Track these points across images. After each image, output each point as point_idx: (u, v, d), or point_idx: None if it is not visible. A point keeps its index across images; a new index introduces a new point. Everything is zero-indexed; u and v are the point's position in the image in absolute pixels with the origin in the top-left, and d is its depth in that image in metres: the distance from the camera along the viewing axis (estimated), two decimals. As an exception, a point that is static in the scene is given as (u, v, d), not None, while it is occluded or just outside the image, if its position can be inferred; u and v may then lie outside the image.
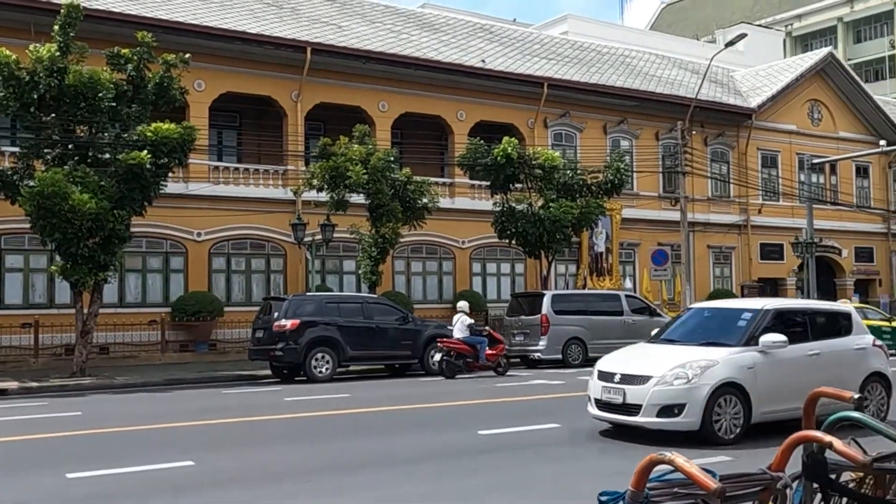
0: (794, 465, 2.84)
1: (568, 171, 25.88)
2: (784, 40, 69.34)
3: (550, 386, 16.66)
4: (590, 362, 21.81)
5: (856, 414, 2.75)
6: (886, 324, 25.67)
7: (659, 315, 24.26)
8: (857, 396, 2.86)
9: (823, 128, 39.03)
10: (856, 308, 15.47)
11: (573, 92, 31.41)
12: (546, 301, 22.23)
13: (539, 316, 21.88)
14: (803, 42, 73.07)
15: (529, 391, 15.68)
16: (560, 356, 21.73)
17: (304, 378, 18.40)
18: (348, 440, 10.51)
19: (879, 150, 35.89)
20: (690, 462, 2.21)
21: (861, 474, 3.02)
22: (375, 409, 13.32)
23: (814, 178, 36.85)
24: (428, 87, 28.60)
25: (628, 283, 31.58)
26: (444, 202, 27.17)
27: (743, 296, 34.05)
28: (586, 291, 27.44)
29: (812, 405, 2.91)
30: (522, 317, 22.58)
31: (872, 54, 71.22)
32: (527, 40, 36.04)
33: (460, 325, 19.53)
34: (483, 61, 30.07)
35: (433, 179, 26.73)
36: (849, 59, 61.99)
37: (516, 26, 41.55)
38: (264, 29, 26.41)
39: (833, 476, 2.84)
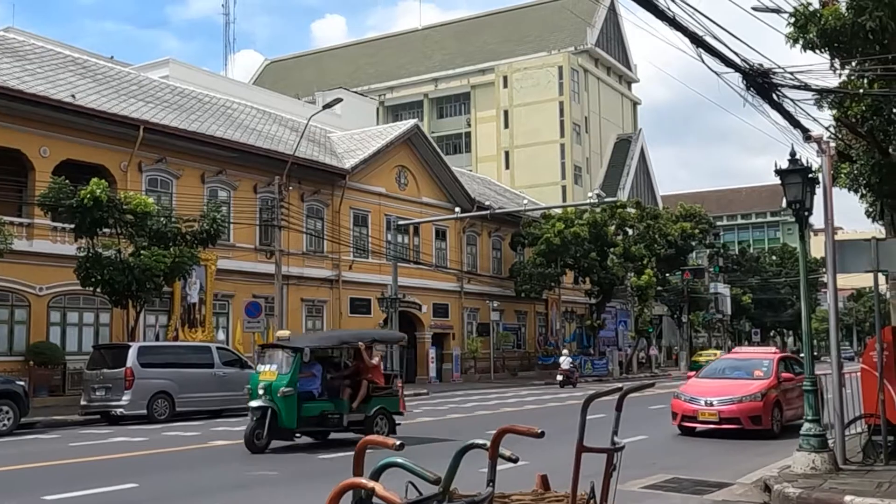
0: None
1: (162, 219, 25.00)
2: (378, 108, 74.57)
3: (132, 443, 15.76)
4: (177, 417, 21.16)
5: (398, 459, 2.98)
6: None
7: (250, 367, 24.22)
8: (398, 443, 3.09)
9: (409, 192, 42.30)
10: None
11: (171, 138, 30.61)
12: (132, 353, 21.15)
13: (124, 369, 20.71)
14: (394, 112, 79.09)
15: (107, 450, 14.67)
16: (146, 411, 20.71)
17: None
18: None
19: (455, 216, 39.87)
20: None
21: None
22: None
23: (399, 239, 39.71)
24: (6, 118, 26.02)
25: (221, 335, 31.20)
26: (20, 244, 24.79)
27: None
28: (177, 343, 26.57)
29: (361, 453, 3.10)
30: (105, 370, 21.19)
31: (452, 129, 79.27)
32: (124, 80, 34.49)
33: (567, 360, 37.57)
34: (73, 96, 28.16)
35: (8, 219, 24.26)
36: (433, 132, 68.27)
37: (113, 64, 39.67)
38: None
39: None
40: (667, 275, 59.66)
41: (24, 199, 27.07)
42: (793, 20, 10.76)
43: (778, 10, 11.17)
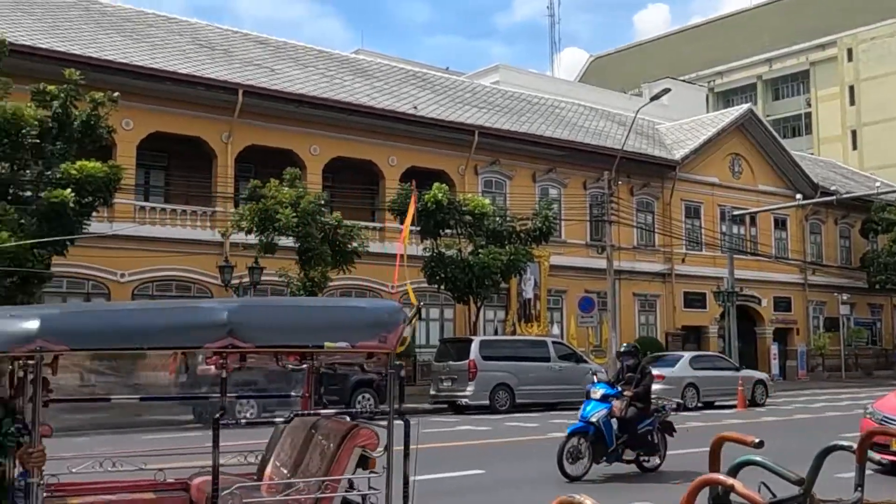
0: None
1: (497, 218, 26.18)
2: (707, 96, 71.84)
3: (477, 432, 16.65)
4: (517, 408, 21.98)
5: (757, 457, 2.87)
6: None
7: (585, 361, 24.56)
8: (757, 441, 2.98)
9: (744, 181, 40.32)
10: None
11: (503, 140, 31.91)
12: (474, 347, 22.33)
13: (467, 361, 21.94)
14: (725, 98, 75.67)
15: (454, 437, 15.64)
16: (488, 402, 21.78)
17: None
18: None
19: (796, 203, 37.34)
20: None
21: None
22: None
23: (735, 230, 37.99)
24: (360, 132, 28.73)
25: (556, 330, 31.90)
26: (374, 246, 27.16)
27: (667, 343, 34.69)
28: (514, 337, 27.62)
29: (717, 449, 3.02)
30: (450, 362, 22.61)
31: (790, 111, 74.17)
32: (458, 88, 36.58)
33: None
34: (415, 108, 30.39)
35: (363, 224, 26.75)
36: (768, 116, 64.34)
37: (448, 74, 42.22)
38: (196, 70, 26.26)
39: (736, 518, 2.93)
40: None
41: (376, 205, 29.70)
42: None
43: None
